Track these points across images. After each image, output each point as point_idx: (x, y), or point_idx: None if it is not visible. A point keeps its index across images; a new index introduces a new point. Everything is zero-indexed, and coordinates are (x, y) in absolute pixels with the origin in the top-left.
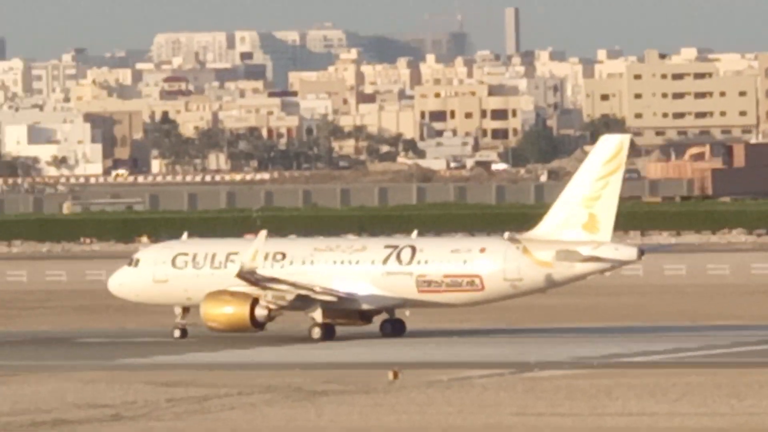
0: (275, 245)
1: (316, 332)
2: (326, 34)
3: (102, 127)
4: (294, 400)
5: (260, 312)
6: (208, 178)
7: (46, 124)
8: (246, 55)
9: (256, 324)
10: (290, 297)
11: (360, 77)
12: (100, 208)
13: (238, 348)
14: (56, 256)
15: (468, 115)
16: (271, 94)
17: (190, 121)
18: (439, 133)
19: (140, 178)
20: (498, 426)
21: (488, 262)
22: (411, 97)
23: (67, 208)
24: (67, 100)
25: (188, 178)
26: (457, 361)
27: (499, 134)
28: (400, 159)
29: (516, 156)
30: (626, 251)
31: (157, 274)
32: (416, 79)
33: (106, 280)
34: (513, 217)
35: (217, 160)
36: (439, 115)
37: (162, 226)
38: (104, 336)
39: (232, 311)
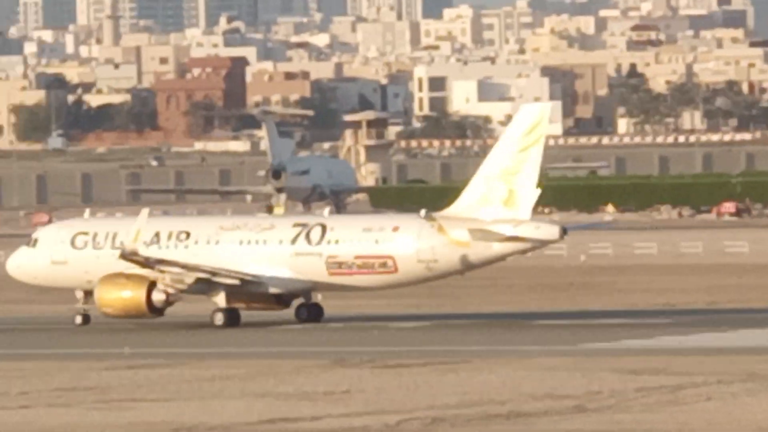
0: (179, 223)
1: (219, 318)
2: None
3: (561, 81)
4: None
5: (158, 296)
6: (681, 139)
7: (499, 79)
8: (724, 0)
9: (154, 309)
10: (189, 280)
11: None
12: (561, 174)
13: (715, 331)
14: None
15: None
16: (752, 44)
17: (661, 74)
18: None
19: (605, 140)
20: None
21: (401, 242)
22: None
23: None
24: (521, 51)
25: (659, 139)
26: None
27: None
28: None
29: None
30: (548, 230)
31: (56, 254)
32: None
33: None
34: None
35: (692, 118)
36: None
37: (630, 193)
38: (564, 318)
39: (127, 296)
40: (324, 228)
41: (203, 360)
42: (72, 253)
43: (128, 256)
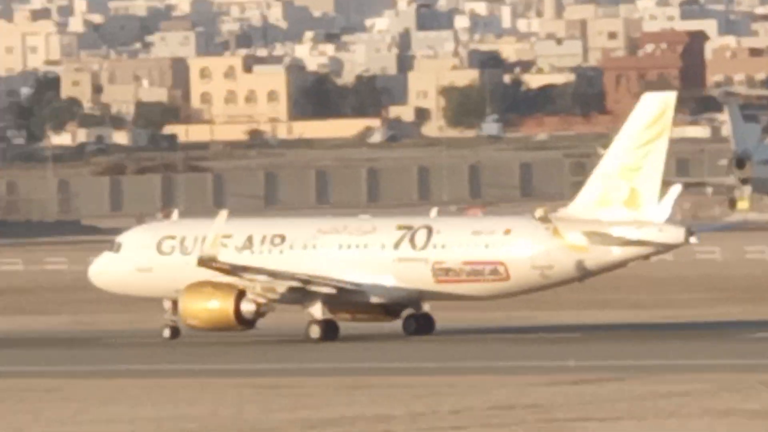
0: (273, 226)
1: (315, 331)
2: None
3: None
4: None
5: (247, 307)
6: None
7: None
8: None
9: (243, 321)
10: (282, 289)
11: None
12: None
13: None
14: None
15: None
16: None
17: None
18: None
19: None
20: None
21: (514, 246)
22: None
23: None
24: None
25: None
26: None
27: None
28: None
29: None
30: (672, 232)
31: (141, 261)
32: None
33: None
34: None
35: None
36: None
37: None
38: None
39: (214, 306)
40: (430, 231)
41: (657, 373)
42: (158, 259)
43: (206, 262)
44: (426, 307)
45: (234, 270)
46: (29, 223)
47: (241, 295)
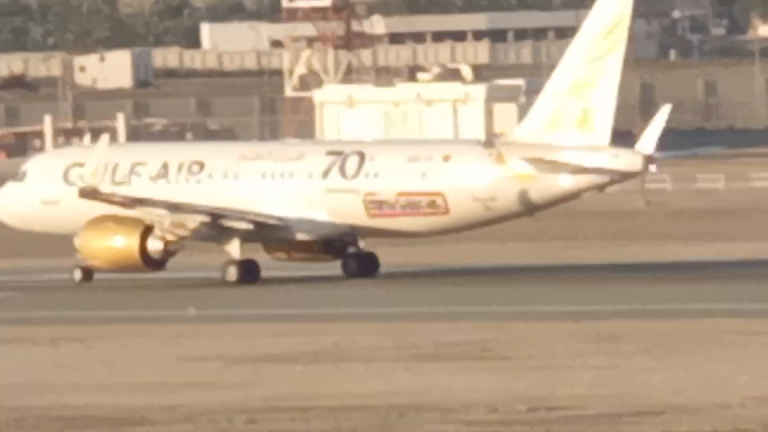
0: (191, 152)
1: (231, 272)
2: None
3: None
4: None
5: (154, 245)
6: None
7: None
8: None
9: (150, 262)
10: (193, 224)
11: None
12: None
13: None
14: None
15: None
16: None
17: None
18: None
19: None
20: None
21: (453, 175)
22: None
23: None
24: None
25: None
26: None
27: None
28: None
29: None
30: (628, 159)
31: (46, 192)
32: None
33: None
34: None
35: None
36: None
37: None
38: None
39: (117, 244)
40: (362, 157)
41: None
42: (65, 189)
43: (87, 194)
44: (362, 244)
45: (127, 203)
46: (733, 131)
47: (147, 231)
